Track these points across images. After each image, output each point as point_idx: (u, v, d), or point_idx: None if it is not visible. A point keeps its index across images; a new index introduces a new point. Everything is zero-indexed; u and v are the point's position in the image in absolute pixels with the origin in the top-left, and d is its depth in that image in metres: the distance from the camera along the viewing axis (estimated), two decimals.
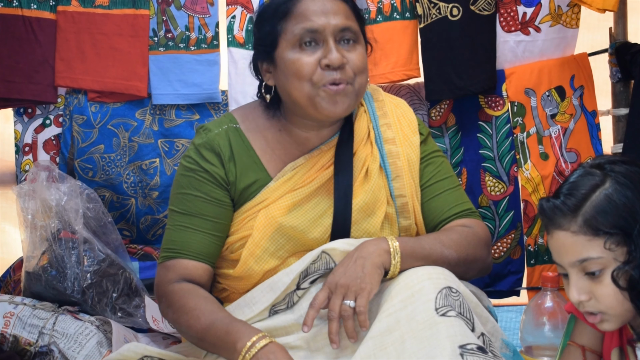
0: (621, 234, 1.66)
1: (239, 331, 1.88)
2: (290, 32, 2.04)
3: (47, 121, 2.93)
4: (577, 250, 1.70)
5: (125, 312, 2.63)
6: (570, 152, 2.95)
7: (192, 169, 2.10)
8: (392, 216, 2.13)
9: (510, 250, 2.96)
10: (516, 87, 2.95)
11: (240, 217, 2.09)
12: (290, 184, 2.09)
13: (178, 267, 2.05)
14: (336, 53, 2.01)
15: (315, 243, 2.06)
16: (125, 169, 2.92)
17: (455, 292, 1.86)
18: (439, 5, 2.88)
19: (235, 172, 2.09)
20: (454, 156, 2.98)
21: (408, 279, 1.88)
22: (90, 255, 2.62)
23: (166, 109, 2.94)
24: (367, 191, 2.10)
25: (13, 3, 2.85)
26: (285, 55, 2.05)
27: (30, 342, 2.40)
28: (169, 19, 2.91)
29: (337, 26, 2.03)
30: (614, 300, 1.69)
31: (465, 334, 1.78)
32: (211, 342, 1.94)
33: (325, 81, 2.01)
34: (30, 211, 2.65)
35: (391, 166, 2.15)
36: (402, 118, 2.22)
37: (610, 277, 1.67)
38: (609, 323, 1.74)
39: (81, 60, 2.89)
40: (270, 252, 2.05)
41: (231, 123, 2.15)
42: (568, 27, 2.93)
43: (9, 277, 2.79)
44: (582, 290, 1.71)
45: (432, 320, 1.79)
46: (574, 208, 1.69)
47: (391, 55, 2.93)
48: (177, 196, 2.11)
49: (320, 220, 2.08)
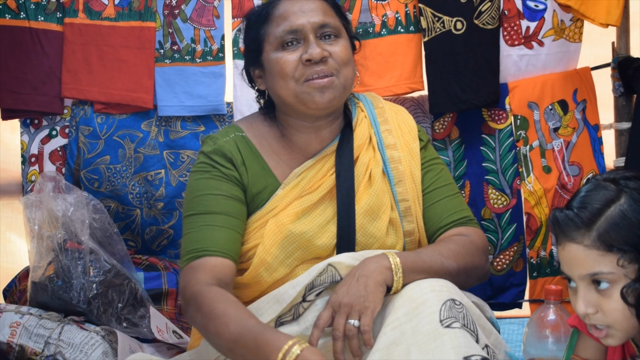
0: (634, 251, 1.66)
1: (269, 341, 1.79)
2: (273, 35, 2.09)
3: (54, 132, 2.93)
4: (588, 264, 1.69)
5: (130, 322, 2.62)
6: (573, 166, 2.95)
7: (207, 171, 2.10)
8: (396, 221, 2.14)
9: (513, 262, 2.96)
10: (519, 101, 2.95)
11: (251, 227, 2.10)
12: (297, 190, 2.11)
13: (206, 266, 1.98)
14: (316, 47, 2.05)
15: (322, 250, 2.07)
16: (131, 180, 2.93)
17: (459, 304, 1.86)
18: (443, 19, 2.89)
19: (247, 177, 2.11)
20: (457, 169, 2.98)
21: (412, 292, 1.89)
22: (96, 265, 2.62)
23: (172, 121, 2.94)
24: (372, 195, 2.12)
25: (20, 15, 2.86)
26: (270, 57, 2.10)
27: (37, 352, 2.40)
28: (175, 32, 2.92)
29: (316, 23, 2.07)
30: (621, 316, 1.69)
31: (470, 345, 1.78)
32: (240, 353, 1.85)
33: (308, 74, 2.05)
34: (36, 221, 2.64)
35: (393, 171, 2.17)
36: (402, 124, 2.25)
37: (620, 293, 1.67)
38: (613, 338, 1.74)
39: (87, 71, 2.90)
40: (280, 260, 2.06)
41: (237, 132, 2.17)
42: (571, 41, 2.94)
43: (15, 286, 2.78)
44: (590, 304, 1.71)
45: (437, 332, 1.79)
46: (589, 222, 1.69)
47: (395, 68, 2.94)
48: (195, 200, 2.08)
49: (327, 226, 2.10)
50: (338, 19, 2.13)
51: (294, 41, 2.07)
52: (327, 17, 2.10)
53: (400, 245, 2.14)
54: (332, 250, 2.09)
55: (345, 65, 2.09)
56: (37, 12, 2.87)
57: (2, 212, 3.13)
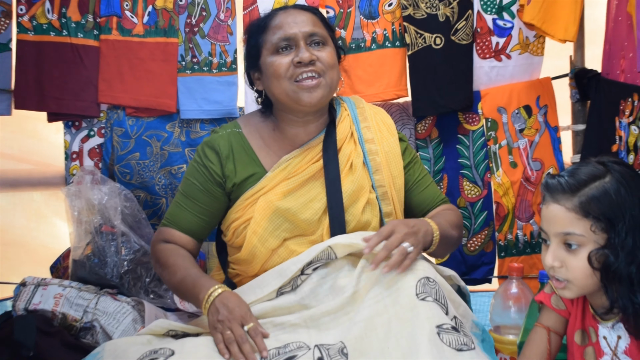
0: (607, 222, 1.66)
1: (202, 285, 1.97)
2: (269, 42, 2.11)
3: (92, 132, 2.93)
4: (565, 224, 1.70)
5: (156, 294, 2.64)
6: (536, 162, 2.96)
7: (197, 162, 2.18)
8: (373, 201, 2.16)
9: (484, 244, 2.98)
10: (490, 106, 2.96)
11: (242, 204, 2.13)
12: (284, 173, 2.13)
13: (167, 234, 2.18)
14: (306, 52, 2.07)
15: (306, 224, 2.10)
16: (157, 174, 2.93)
17: (432, 281, 1.87)
18: (424, 35, 2.89)
19: (233, 167, 2.15)
20: (436, 164, 2.99)
21: (392, 271, 1.89)
22: (127, 246, 2.63)
23: (192, 123, 2.94)
24: (353, 182, 2.14)
25: (63, 32, 2.86)
26: (266, 61, 2.11)
27: (76, 319, 2.40)
28: (194, 46, 2.92)
29: (307, 32, 2.09)
30: (581, 274, 1.70)
31: (441, 316, 1.79)
32: (183, 293, 2.06)
33: (298, 74, 2.07)
34: (76, 209, 2.65)
35: (372, 162, 2.19)
36: (380, 123, 2.27)
37: (587, 255, 1.68)
38: (570, 291, 1.75)
39: (120, 81, 2.90)
40: (270, 231, 2.08)
41: (235, 128, 2.21)
42: (534, 54, 2.94)
43: (59, 264, 2.78)
44: (557, 258, 1.72)
45: (414, 303, 1.81)
46: (574, 189, 1.69)
47: (383, 77, 2.94)
48: (184, 180, 2.21)
49: (311, 204, 2.11)
50: (325, 30, 2.15)
51: (287, 47, 2.09)
52: (316, 27, 2.12)
53: (375, 223, 2.15)
54: (315, 224, 2.10)
55: (331, 68, 2.11)
56: (77, 30, 2.87)
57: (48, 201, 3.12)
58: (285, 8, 2.18)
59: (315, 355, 1.80)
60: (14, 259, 3.07)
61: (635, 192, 1.68)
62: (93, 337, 2.38)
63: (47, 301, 2.43)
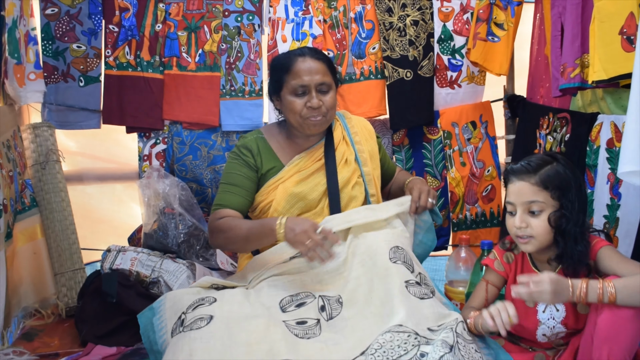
0: (560, 192, 1.67)
1: (268, 222, 1.89)
2: (290, 84, 2.06)
3: (158, 141, 2.93)
4: (530, 194, 1.69)
5: (204, 258, 2.64)
6: (479, 162, 2.95)
7: (236, 158, 2.13)
8: (361, 183, 2.15)
9: (442, 222, 2.97)
10: (446, 122, 2.95)
11: (266, 189, 2.11)
12: (296, 168, 2.12)
13: (222, 213, 2.06)
14: (316, 100, 2.04)
15: (313, 202, 2.08)
16: (205, 171, 2.91)
17: (401, 248, 1.87)
18: (398, 70, 2.88)
19: (260, 161, 2.13)
20: (407, 164, 2.97)
21: (371, 241, 1.89)
22: (183, 223, 2.62)
23: (230, 134, 2.93)
24: (347, 171, 2.14)
25: (137, 69, 2.86)
26: (286, 97, 2.08)
27: (147, 276, 2.40)
28: (232, 78, 2.91)
29: (318, 81, 2.05)
30: (542, 231, 1.69)
31: (407, 274, 1.80)
32: (256, 236, 1.92)
33: (309, 115, 2.05)
34: (147, 196, 2.66)
35: (360, 158, 2.18)
36: (363, 128, 2.26)
37: (547, 217, 1.68)
38: (532, 245, 1.72)
39: (178, 103, 2.89)
40: (287, 209, 2.07)
41: (258, 134, 2.19)
42: (478, 84, 2.94)
43: (134, 236, 2.78)
44: (523, 221, 1.70)
45: (387, 265, 1.81)
46: (535, 170, 1.69)
47: (368, 101, 2.93)
48: (225, 174, 2.13)
49: (316, 187, 2.10)
50: (331, 76, 2.09)
51: (303, 93, 2.06)
52: (325, 77, 2.06)
53: (361, 199, 2.14)
54: (318, 201, 2.09)
55: (332, 108, 2.09)
56: (148, 67, 2.87)
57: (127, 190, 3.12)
58: (303, 53, 2.08)
59: (319, 303, 1.80)
60: (102, 232, 3.07)
61: (575, 172, 1.70)
62: (158, 289, 2.38)
63: (126, 263, 2.43)
